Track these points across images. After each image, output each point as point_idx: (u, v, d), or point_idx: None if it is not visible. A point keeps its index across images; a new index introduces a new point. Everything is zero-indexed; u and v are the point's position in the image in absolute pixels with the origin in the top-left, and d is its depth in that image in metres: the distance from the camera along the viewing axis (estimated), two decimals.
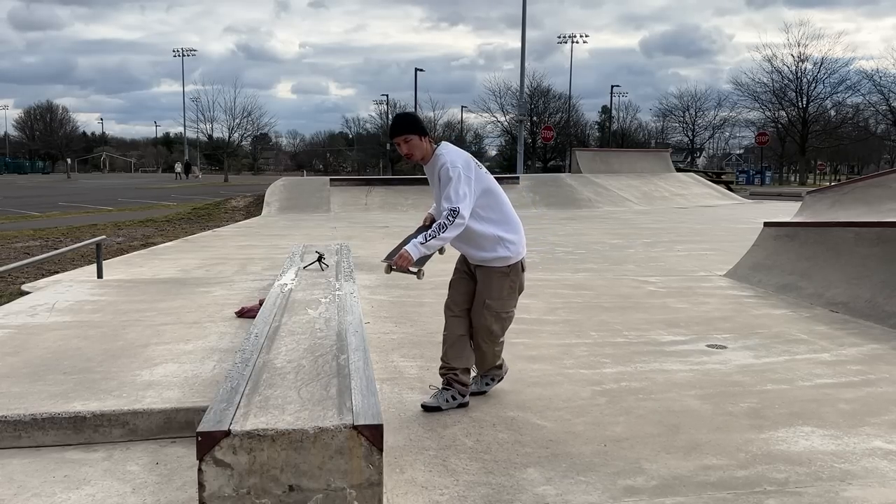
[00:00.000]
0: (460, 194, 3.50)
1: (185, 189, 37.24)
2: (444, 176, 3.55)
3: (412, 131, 3.63)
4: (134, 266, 9.09)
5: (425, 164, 3.73)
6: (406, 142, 3.63)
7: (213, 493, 2.29)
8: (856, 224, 7.01)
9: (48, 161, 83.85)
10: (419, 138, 3.64)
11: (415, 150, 3.65)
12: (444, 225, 3.47)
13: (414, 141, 3.63)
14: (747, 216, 17.69)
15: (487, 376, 4.00)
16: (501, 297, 3.73)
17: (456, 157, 3.62)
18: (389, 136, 3.74)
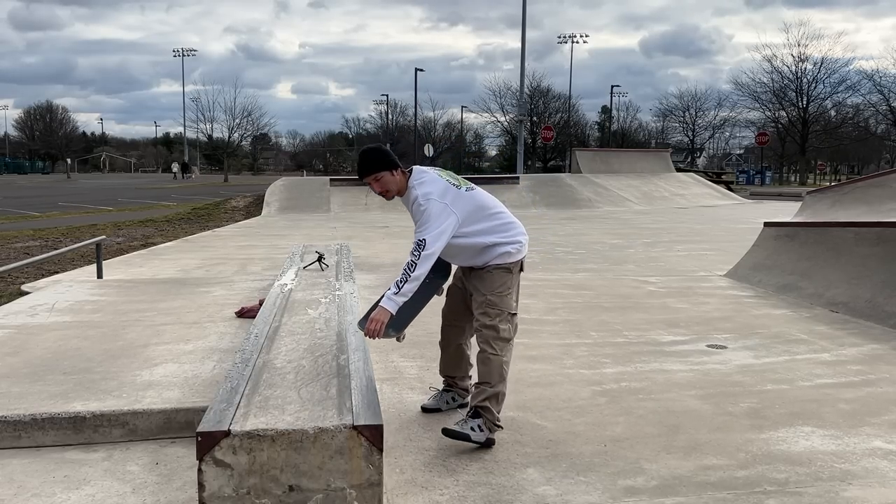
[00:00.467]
0: (430, 224, 3.22)
1: (184, 189, 37.24)
2: (416, 211, 3.31)
3: (380, 168, 3.35)
4: (134, 266, 9.09)
5: (400, 195, 3.46)
6: (377, 181, 3.36)
7: (213, 494, 2.29)
8: (856, 224, 7.01)
9: (48, 161, 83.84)
10: (390, 173, 3.35)
11: (389, 187, 3.37)
12: (411, 263, 3.17)
13: (385, 178, 3.35)
14: (747, 216, 17.69)
15: (452, 391, 3.74)
16: (503, 293, 3.41)
17: (430, 186, 3.34)
18: (358, 176, 3.47)
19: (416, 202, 3.30)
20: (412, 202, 3.35)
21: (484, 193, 3.51)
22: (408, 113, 69.96)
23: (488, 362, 3.31)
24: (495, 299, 3.39)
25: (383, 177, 3.35)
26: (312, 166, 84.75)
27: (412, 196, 3.35)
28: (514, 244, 3.46)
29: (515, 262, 3.49)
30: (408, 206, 3.42)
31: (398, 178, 3.38)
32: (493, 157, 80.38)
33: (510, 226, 3.52)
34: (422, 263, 3.18)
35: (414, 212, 3.34)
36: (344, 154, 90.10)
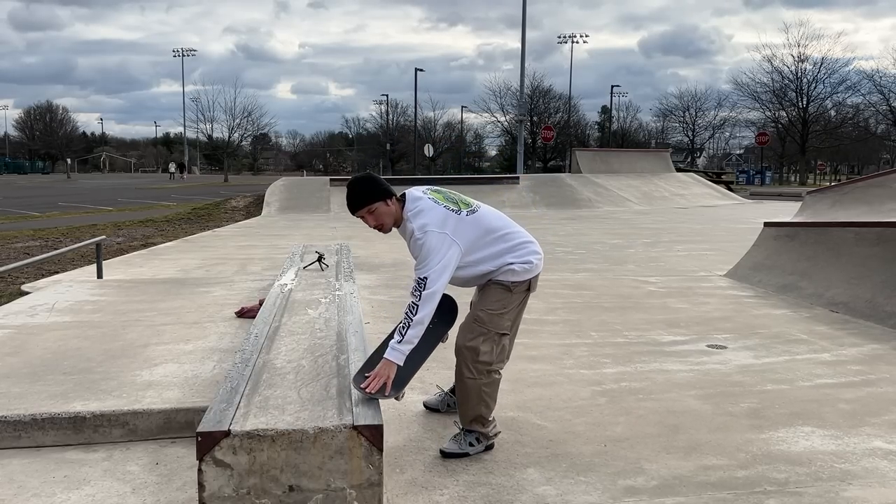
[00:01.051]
0: (430, 260, 2.95)
1: (184, 189, 37.24)
2: (414, 246, 3.03)
3: (373, 199, 3.05)
4: (134, 266, 9.09)
5: (396, 225, 3.17)
6: (371, 213, 3.06)
7: (213, 494, 2.29)
8: (856, 224, 7.01)
9: (48, 161, 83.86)
10: (384, 203, 3.06)
11: (384, 219, 3.08)
12: (412, 305, 2.89)
13: (379, 209, 3.06)
14: (747, 216, 17.69)
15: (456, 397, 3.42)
16: (496, 311, 3.14)
17: (426, 217, 3.04)
18: (350, 210, 3.14)
19: (413, 237, 3.02)
20: (409, 236, 3.07)
21: (490, 213, 3.23)
22: (408, 113, 70.01)
23: (464, 387, 3.14)
24: (484, 316, 3.14)
25: (377, 208, 3.07)
26: (312, 166, 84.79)
27: (408, 229, 3.07)
28: (523, 263, 3.17)
29: (519, 282, 3.18)
30: (405, 238, 3.16)
31: (393, 209, 3.10)
32: (493, 157, 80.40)
33: (521, 246, 3.22)
34: (424, 304, 2.89)
35: (412, 246, 3.06)
36: (344, 154, 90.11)
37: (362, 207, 3.07)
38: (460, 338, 3.16)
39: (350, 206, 3.12)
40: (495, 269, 3.14)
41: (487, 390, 3.13)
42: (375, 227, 3.13)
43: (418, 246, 3.00)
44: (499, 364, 3.17)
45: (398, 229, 3.19)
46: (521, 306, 3.26)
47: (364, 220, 3.13)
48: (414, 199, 3.14)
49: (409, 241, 3.10)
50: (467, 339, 3.14)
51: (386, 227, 3.14)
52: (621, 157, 28.82)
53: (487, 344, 3.11)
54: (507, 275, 3.14)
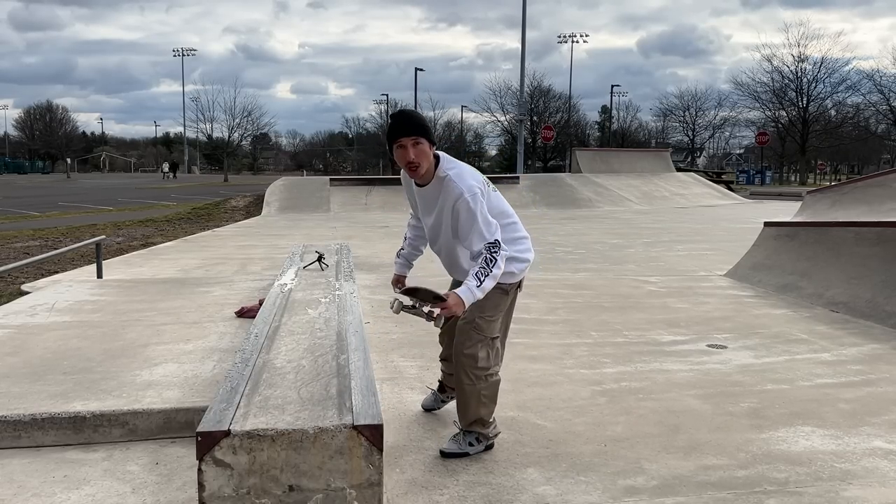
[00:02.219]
0: (491, 225, 2.86)
1: (185, 189, 37.23)
2: (465, 209, 2.84)
3: (425, 134, 2.89)
4: (134, 266, 9.09)
5: (423, 182, 3.00)
6: (415, 145, 2.86)
7: (213, 493, 2.29)
8: (856, 224, 7.01)
9: (48, 161, 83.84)
10: (430, 146, 2.91)
11: (423, 160, 2.88)
12: (490, 259, 2.81)
13: (424, 147, 2.88)
14: (747, 216, 17.69)
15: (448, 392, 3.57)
16: (492, 317, 3.10)
17: (470, 180, 2.91)
18: (392, 135, 2.90)
19: (462, 199, 2.84)
20: (454, 197, 2.87)
21: (502, 197, 3.18)
22: None
23: (463, 393, 3.10)
24: (482, 323, 3.06)
25: (423, 146, 2.88)
26: (312, 166, 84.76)
27: (452, 191, 2.87)
28: (520, 262, 3.14)
29: (514, 284, 3.17)
30: (431, 196, 2.98)
31: (431, 156, 2.92)
32: (493, 156, 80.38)
33: (522, 241, 3.18)
34: (500, 263, 2.84)
35: (459, 209, 2.86)
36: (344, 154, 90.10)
37: (412, 135, 2.85)
38: (458, 345, 3.09)
39: (399, 129, 2.86)
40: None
41: (486, 393, 3.11)
42: (409, 165, 2.88)
43: (469, 211, 2.83)
44: (496, 367, 3.14)
45: (421, 188, 3.01)
46: (513, 305, 3.26)
47: (401, 152, 2.88)
48: (449, 160, 2.99)
49: (444, 200, 2.91)
50: (465, 346, 3.06)
51: (421, 170, 2.90)
52: (621, 157, 28.83)
53: (484, 350, 3.07)
54: (504, 277, 3.01)
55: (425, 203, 3.09)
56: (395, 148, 2.91)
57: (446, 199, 2.91)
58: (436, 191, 2.97)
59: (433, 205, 3.02)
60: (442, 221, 3.01)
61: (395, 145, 2.90)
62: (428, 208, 3.08)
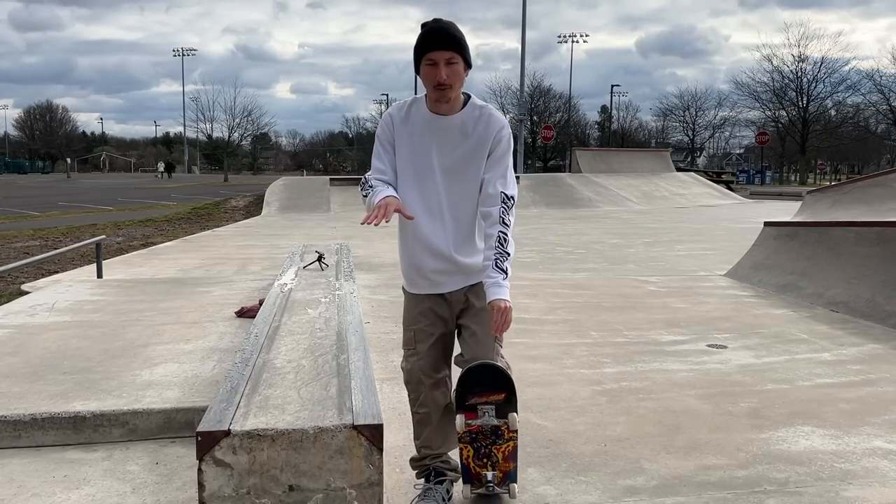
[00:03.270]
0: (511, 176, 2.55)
1: (185, 189, 37.23)
2: (507, 142, 2.52)
3: (462, 51, 2.44)
4: (134, 266, 9.09)
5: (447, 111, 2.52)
6: (449, 63, 2.41)
7: (213, 493, 2.29)
8: (856, 224, 7.01)
9: (48, 161, 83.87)
10: (465, 65, 2.46)
11: (456, 82, 2.44)
12: (504, 235, 2.46)
13: (459, 68, 2.44)
14: (747, 216, 17.69)
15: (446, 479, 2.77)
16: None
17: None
18: (421, 48, 2.43)
19: (504, 132, 2.50)
20: (493, 125, 2.51)
21: None
22: None
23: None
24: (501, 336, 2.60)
25: (458, 65, 2.44)
26: (312, 166, 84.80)
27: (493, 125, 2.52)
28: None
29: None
30: (455, 131, 2.53)
31: (464, 80, 2.51)
32: None
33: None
34: (510, 237, 2.48)
35: (497, 147, 2.50)
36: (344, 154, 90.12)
37: (448, 49, 2.40)
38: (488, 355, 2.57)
39: (431, 41, 2.41)
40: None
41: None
42: (441, 86, 2.42)
43: (507, 151, 2.51)
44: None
45: (443, 117, 2.52)
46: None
47: (430, 70, 2.43)
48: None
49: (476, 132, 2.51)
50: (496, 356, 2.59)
51: (453, 91, 2.46)
52: (621, 157, 28.84)
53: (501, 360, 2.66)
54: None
55: (444, 138, 2.54)
56: (424, 65, 2.43)
57: (488, 128, 2.51)
58: (469, 121, 2.53)
59: (457, 140, 2.53)
60: (469, 160, 2.53)
61: (424, 61, 2.43)
62: (446, 145, 2.54)
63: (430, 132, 2.55)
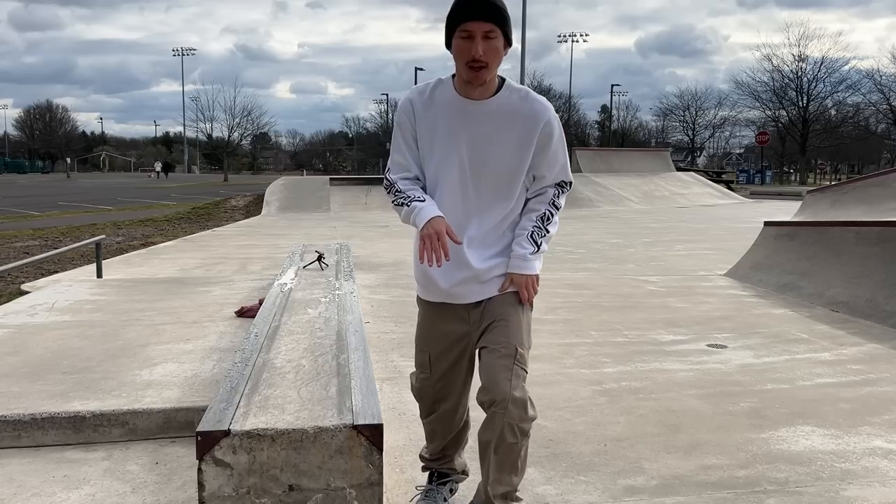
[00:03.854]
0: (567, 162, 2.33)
1: (185, 189, 37.22)
2: (558, 131, 2.23)
3: (504, 25, 2.10)
4: (133, 266, 9.09)
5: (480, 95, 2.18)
6: (488, 37, 2.07)
7: (213, 493, 2.29)
8: (856, 223, 7.01)
9: (48, 160, 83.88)
10: (505, 42, 2.12)
11: (493, 60, 2.10)
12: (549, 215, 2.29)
13: (498, 44, 2.10)
14: (747, 215, 17.69)
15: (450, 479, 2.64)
16: (530, 342, 2.46)
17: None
18: (457, 17, 2.09)
19: (554, 117, 2.22)
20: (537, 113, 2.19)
21: None
22: None
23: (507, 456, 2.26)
24: (526, 354, 2.34)
25: (498, 40, 2.10)
26: (312, 166, 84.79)
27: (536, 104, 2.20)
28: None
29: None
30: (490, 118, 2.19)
31: (502, 59, 2.16)
32: None
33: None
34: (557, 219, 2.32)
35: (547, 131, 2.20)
36: (344, 153, 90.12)
37: (491, 20, 2.06)
38: (503, 385, 2.19)
39: (469, 8, 2.06)
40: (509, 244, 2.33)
41: (525, 454, 2.35)
42: (475, 63, 2.08)
43: (560, 132, 2.25)
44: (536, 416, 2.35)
45: (475, 102, 2.19)
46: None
47: (464, 44, 2.08)
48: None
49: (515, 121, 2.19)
50: (515, 386, 2.20)
51: (489, 71, 2.12)
52: (621, 157, 28.85)
53: (526, 394, 2.29)
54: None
55: (476, 128, 2.20)
56: (457, 37, 2.09)
57: (530, 117, 2.19)
58: (507, 108, 2.19)
59: (493, 130, 2.19)
60: (508, 155, 2.21)
61: (458, 33, 2.09)
62: (479, 136, 2.20)
63: (458, 120, 2.20)
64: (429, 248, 2.13)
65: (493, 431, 2.21)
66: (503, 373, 2.20)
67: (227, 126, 59.24)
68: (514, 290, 2.32)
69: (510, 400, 2.18)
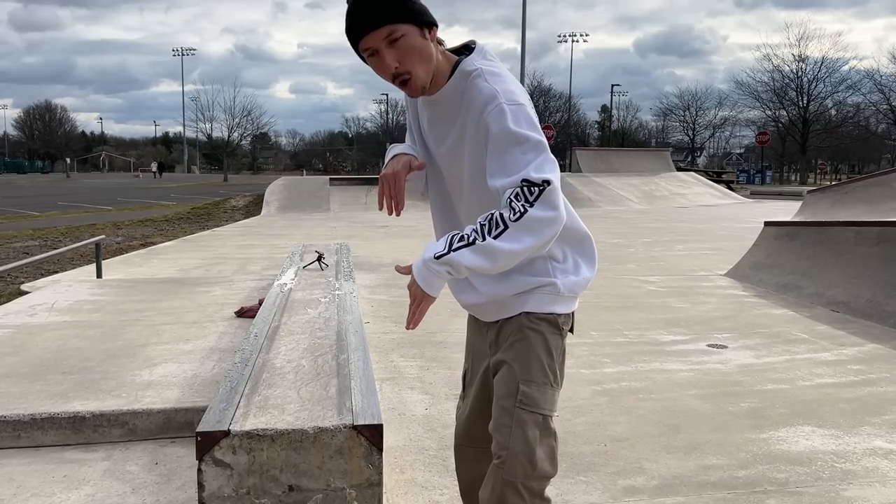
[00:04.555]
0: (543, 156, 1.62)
1: (184, 189, 37.23)
2: (497, 121, 1.63)
3: (396, 17, 1.63)
4: (133, 266, 9.08)
5: (431, 92, 1.75)
6: (391, 43, 1.65)
7: (213, 494, 2.28)
8: (856, 223, 7.01)
9: (47, 160, 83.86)
10: (418, 30, 1.66)
11: (413, 58, 1.67)
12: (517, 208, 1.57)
13: (409, 38, 1.65)
14: (748, 215, 17.69)
15: None
16: (547, 377, 1.81)
17: (511, 84, 1.72)
18: (351, 37, 1.70)
19: (496, 103, 1.64)
20: (477, 101, 1.68)
21: None
22: None
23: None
24: (535, 393, 1.77)
25: (403, 35, 1.65)
26: (312, 166, 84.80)
27: (475, 89, 1.68)
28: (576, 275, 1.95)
29: (568, 315, 2.01)
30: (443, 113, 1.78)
31: (432, 49, 1.70)
32: None
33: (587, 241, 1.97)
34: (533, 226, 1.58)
35: (486, 121, 1.65)
36: (344, 153, 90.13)
37: (384, 22, 1.63)
38: (502, 433, 1.76)
39: (362, 19, 1.65)
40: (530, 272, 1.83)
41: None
42: (395, 76, 1.69)
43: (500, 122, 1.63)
44: (554, 473, 1.80)
45: (432, 99, 1.79)
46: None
47: (376, 62, 1.70)
48: (485, 53, 1.77)
49: (460, 115, 1.73)
50: (516, 437, 1.73)
51: (416, 77, 1.69)
52: (621, 157, 28.86)
53: (544, 441, 1.76)
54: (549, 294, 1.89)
55: (435, 128, 1.84)
56: (367, 57, 1.72)
57: (470, 108, 1.70)
58: (451, 101, 1.74)
59: (444, 128, 1.80)
60: (460, 156, 1.77)
61: (364, 53, 1.71)
62: (438, 137, 1.83)
63: (426, 122, 1.89)
64: (386, 192, 1.80)
65: (490, 489, 1.77)
66: (503, 418, 1.77)
67: (227, 126, 59.36)
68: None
69: (509, 452, 1.73)
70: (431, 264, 1.62)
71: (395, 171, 1.79)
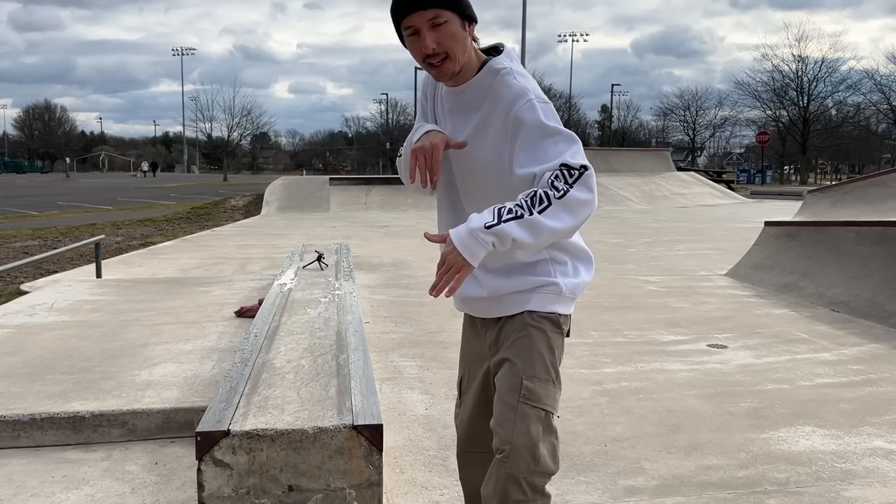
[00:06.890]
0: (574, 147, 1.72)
1: (184, 189, 37.23)
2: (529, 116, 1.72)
3: (451, 4, 1.72)
4: (133, 266, 9.08)
5: (456, 83, 1.83)
6: (434, 26, 1.72)
7: (213, 494, 2.28)
8: (857, 223, 7.01)
9: (47, 160, 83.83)
10: (460, 21, 1.74)
11: (453, 47, 1.74)
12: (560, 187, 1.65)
13: (452, 28, 1.73)
14: (748, 215, 17.68)
15: None
16: (549, 374, 1.85)
17: (538, 86, 1.81)
18: (396, 14, 1.76)
19: (526, 99, 1.73)
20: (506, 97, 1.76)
21: None
22: (408, 111, 70.03)
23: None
24: (538, 388, 1.80)
25: (447, 21, 1.72)
26: (312, 165, 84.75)
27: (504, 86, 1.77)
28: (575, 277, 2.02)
29: (568, 316, 2.07)
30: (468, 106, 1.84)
31: (468, 41, 1.78)
32: None
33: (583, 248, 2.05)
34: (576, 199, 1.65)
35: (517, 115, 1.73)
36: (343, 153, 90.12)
37: (433, 5, 1.71)
38: (505, 428, 1.77)
39: (404, 2, 1.73)
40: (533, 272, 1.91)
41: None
42: (430, 58, 1.75)
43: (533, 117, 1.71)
44: (556, 470, 1.84)
45: (455, 90, 1.86)
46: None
47: (414, 41, 1.76)
48: (513, 57, 1.86)
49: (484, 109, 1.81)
50: (519, 432, 1.75)
51: (451, 64, 1.76)
52: (622, 157, 28.83)
53: (547, 437, 1.79)
54: (551, 294, 1.95)
55: (455, 120, 1.88)
56: (406, 36, 1.77)
57: (497, 103, 1.77)
58: (477, 95, 1.81)
59: (466, 121, 1.85)
60: (480, 150, 1.82)
61: (404, 31, 1.77)
62: (458, 123, 1.87)
63: (446, 111, 1.91)
64: (421, 163, 1.77)
65: (493, 485, 1.77)
66: (506, 413, 1.79)
67: (227, 126, 59.37)
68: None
69: (513, 446, 1.74)
70: (480, 233, 1.63)
71: (434, 143, 1.79)
